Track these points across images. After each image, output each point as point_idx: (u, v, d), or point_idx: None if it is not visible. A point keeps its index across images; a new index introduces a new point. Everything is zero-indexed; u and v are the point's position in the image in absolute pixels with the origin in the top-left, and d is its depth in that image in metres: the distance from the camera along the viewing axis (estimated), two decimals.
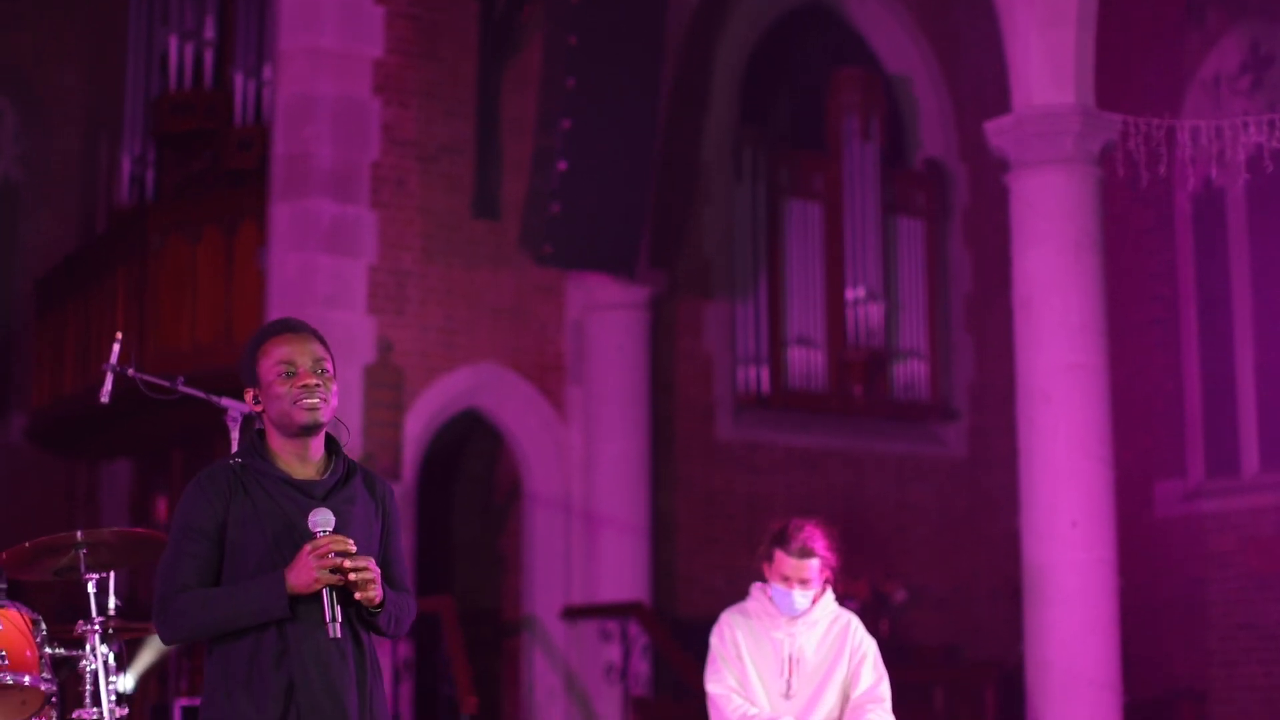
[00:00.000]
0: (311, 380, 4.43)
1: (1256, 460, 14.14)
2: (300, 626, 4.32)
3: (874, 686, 6.58)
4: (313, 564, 4.26)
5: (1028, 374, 10.27)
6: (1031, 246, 10.30)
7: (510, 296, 13.34)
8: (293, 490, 4.42)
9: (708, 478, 14.20)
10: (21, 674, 5.96)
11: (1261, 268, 14.24)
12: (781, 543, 6.65)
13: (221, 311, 13.49)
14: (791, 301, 14.45)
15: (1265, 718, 13.63)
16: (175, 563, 4.39)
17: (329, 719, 4.31)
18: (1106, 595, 10.07)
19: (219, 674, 4.36)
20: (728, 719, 6.49)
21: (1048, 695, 9.95)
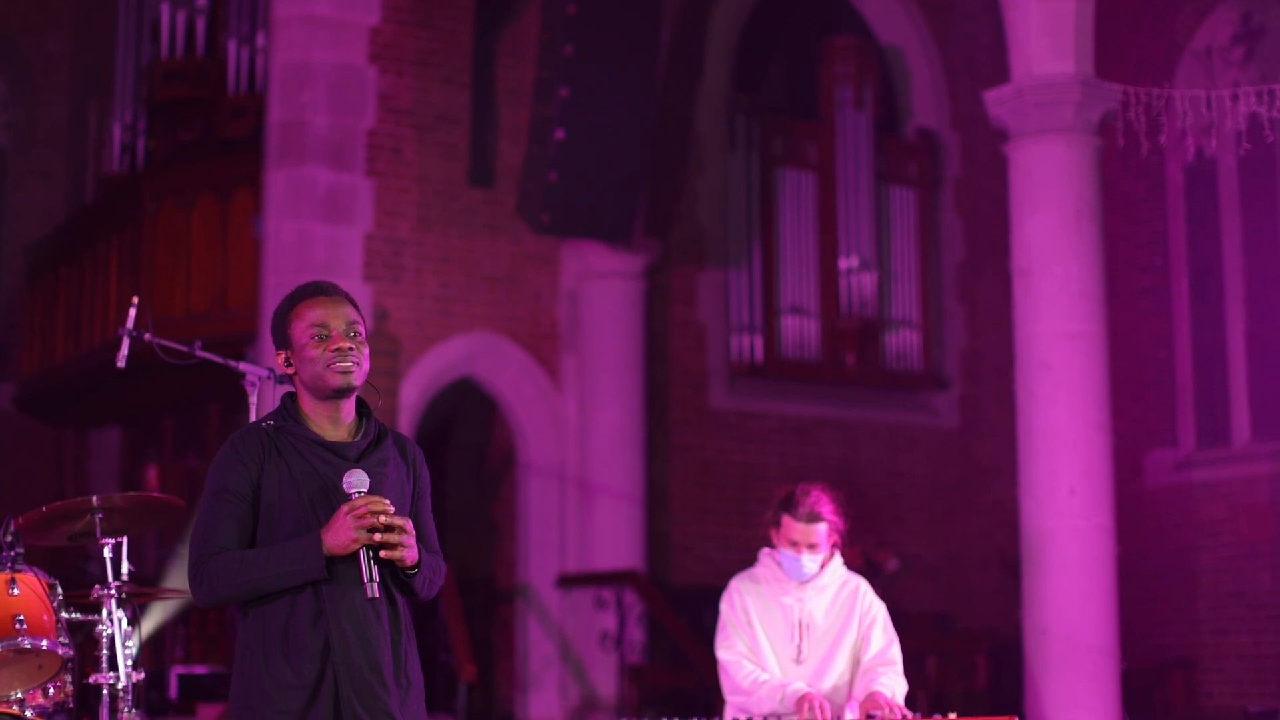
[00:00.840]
0: (345, 344, 4.42)
1: (1247, 430, 14.21)
2: (336, 587, 4.33)
3: (885, 649, 6.61)
4: (350, 524, 4.26)
5: (1026, 342, 10.29)
6: (1030, 216, 10.32)
7: (506, 265, 13.35)
8: (326, 452, 4.42)
9: (701, 446, 14.23)
10: (40, 638, 5.97)
11: (1252, 237, 14.30)
12: (789, 508, 6.68)
13: (216, 279, 13.49)
14: (785, 271, 14.48)
15: (1254, 686, 13.70)
16: (210, 525, 4.38)
17: (365, 679, 4.32)
18: (1105, 562, 10.12)
19: (254, 637, 4.36)
20: (739, 685, 6.50)
21: (1046, 662, 10.00)
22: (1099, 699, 9.81)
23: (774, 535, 6.74)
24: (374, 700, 4.33)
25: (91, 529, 6.30)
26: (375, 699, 4.33)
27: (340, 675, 4.30)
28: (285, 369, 4.53)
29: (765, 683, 6.43)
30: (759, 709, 6.38)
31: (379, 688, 4.34)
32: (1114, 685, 10.04)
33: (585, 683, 13.15)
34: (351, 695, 4.31)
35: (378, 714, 4.32)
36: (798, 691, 6.34)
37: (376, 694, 4.33)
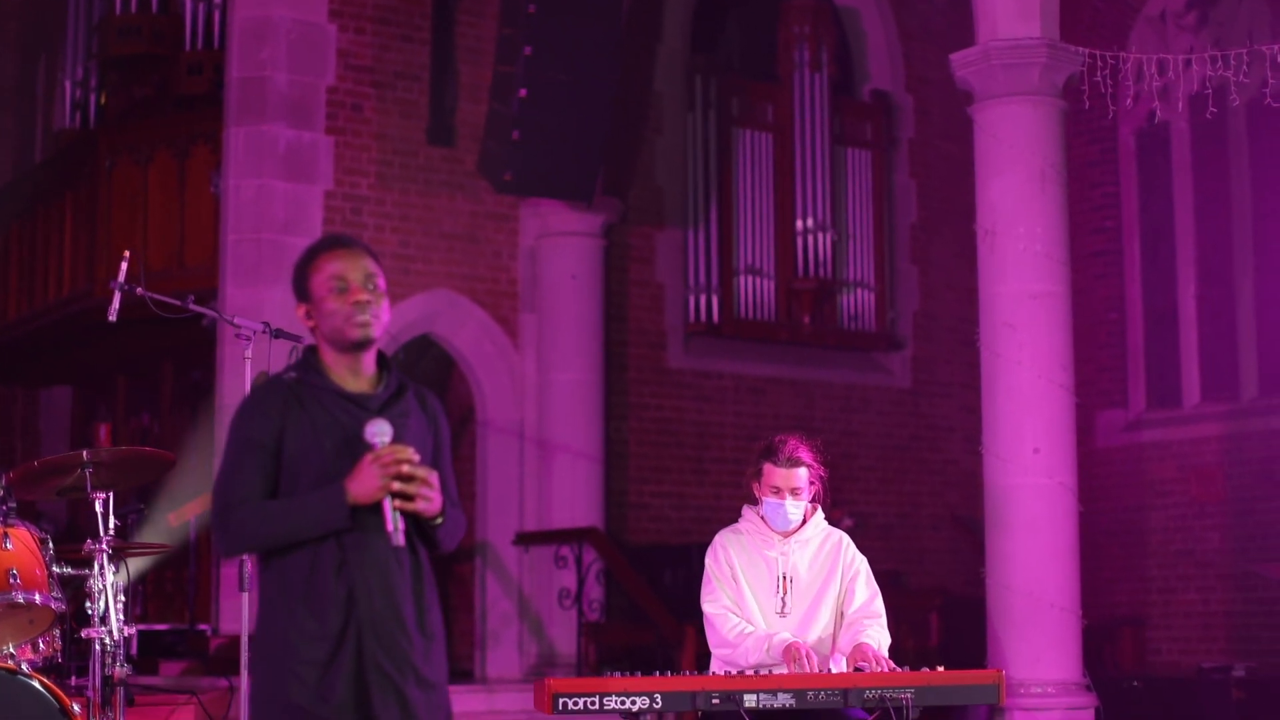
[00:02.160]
0: (363, 296, 4.43)
1: (1197, 391, 14.37)
2: (359, 537, 4.34)
3: (869, 602, 6.69)
4: (375, 473, 4.28)
5: (991, 302, 10.38)
6: (995, 177, 10.39)
7: (465, 223, 13.35)
8: (348, 403, 4.44)
9: (659, 406, 14.28)
10: (33, 592, 5.98)
11: (1204, 202, 14.44)
12: (769, 455, 6.75)
13: (174, 235, 13.44)
14: (742, 231, 14.53)
15: (1202, 643, 13.89)
16: (234, 475, 4.40)
17: (388, 628, 4.34)
18: (1067, 520, 10.22)
19: (277, 588, 4.38)
20: (724, 638, 6.54)
21: (1009, 618, 10.10)
22: (1061, 655, 9.93)
23: (755, 487, 6.81)
24: (397, 650, 4.35)
25: (81, 483, 6.30)
26: (398, 649, 4.36)
27: (364, 625, 4.32)
28: (306, 321, 4.54)
29: (751, 634, 6.49)
30: (745, 660, 6.43)
31: (401, 638, 4.37)
32: (1075, 641, 10.17)
33: (544, 640, 13.20)
34: (375, 645, 4.33)
35: (401, 664, 4.35)
36: (784, 642, 6.40)
37: (399, 644, 4.36)
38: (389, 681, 4.34)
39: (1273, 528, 13.44)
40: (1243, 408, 13.94)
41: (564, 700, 5.82)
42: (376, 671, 4.33)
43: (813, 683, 6.05)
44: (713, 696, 5.94)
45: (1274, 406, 13.64)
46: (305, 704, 4.29)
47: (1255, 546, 13.47)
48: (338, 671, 4.31)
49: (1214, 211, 14.32)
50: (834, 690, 6.03)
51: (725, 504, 14.27)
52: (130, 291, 6.94)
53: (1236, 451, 13.77)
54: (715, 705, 5.93)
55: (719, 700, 5.93)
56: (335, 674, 4.31)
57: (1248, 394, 14.02)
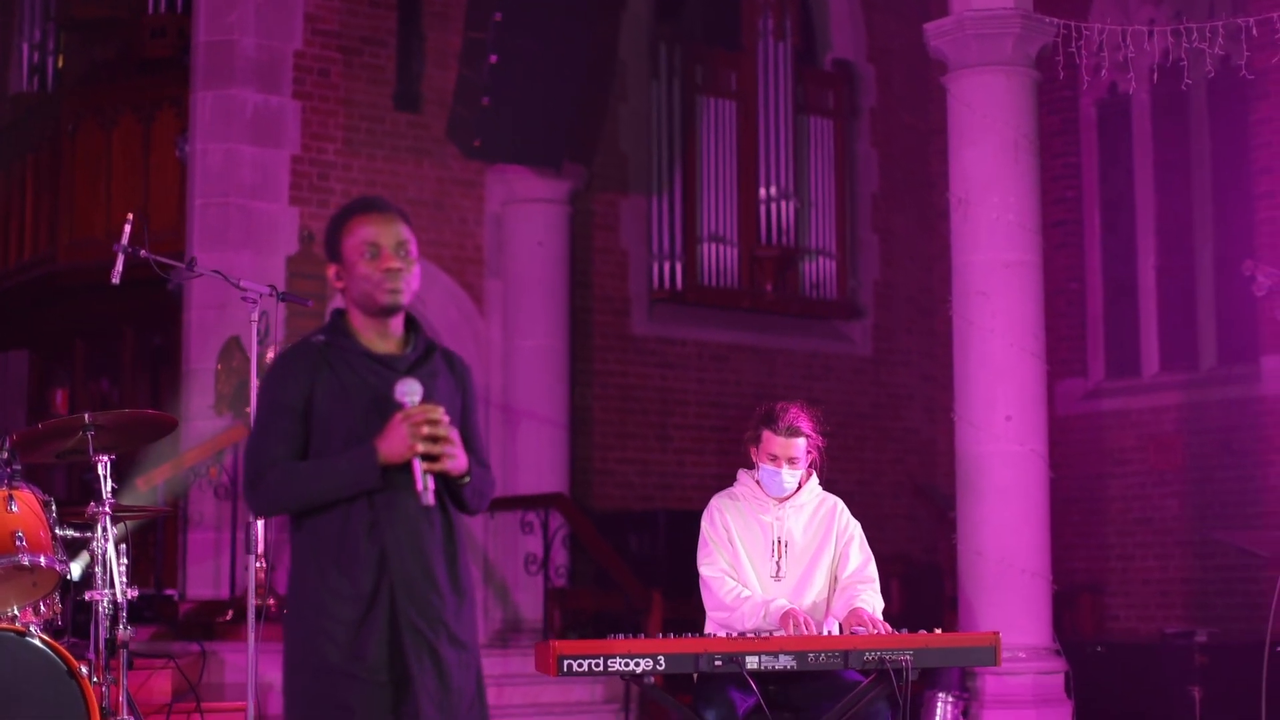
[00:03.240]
0: (394, 263, 4.46)
1: (1156, 361, 14.50)
2: (389, 496, 4.37)
3: (862, 567, 6.77)
4: (406, 433, 4.30)
5: (963, 271, 10.45)
6: (969, 146, 10.46)
7: (431, 189, 13.35)
8: (377, 365, 4.47)
9: (623, 372, 14.32)
10: (38, 555, 5.98)
11: (1164, 172, 14.56)
12: (769, 423, 6.81)
13: (138, 200, 13.36)
14: (705, 199, 14.57)
15: (1160, 610, 14.04)
16: (264, 438, 4.43)
17: (419, 587, 4.37)
18: (1039, 487, 10.32)
19: (309, 549, 4.41)
20: (721, 601, 6.60)
21: (980, 584, 10.20)
22: (1031, 620, 10.04)
23: (753, 452, 6.86)
24: (429, 609, 4.38)
25: (82, 446, 6.29)
26: (430, 607, 4.38)
27: (396, 584, 4.35)
28: (336, 282, 4.57)
29: (748, 599, 6.55)
30: (742, 625, 6.50)
31: (434, 596, 4.40)
32: (1046, 607, 10.28)
33: (509, 605, 13.24)
34: (408, 604, 4.36)
35: (434, 622, 4.38)
36: (781, 608, 6.47)
37: (431, 602, 4.39)
38: (422, 640, 4.37)
39: (1230, 496, 13.60)
40: (1201, 377, 14.08)
41: (569, 662, 5.87)
42: (410, 630, 4.36)
43: (814, 645, 6.13)
44: (715, 658, 6.01)
45: (1233, 376, 13.79)
46: (338, 663, 4.32)
47: (1213, 514, 13.62)
48: (370, 631, 4.34)
49: (1174, 182, 14.45)
50: (834, 652, 6.11)
51: (689, 470, 14.38)
52: (134, 254, 6.89)
53: (1195, 420, 13.92)
54: (718, 667, 5.99)
55: (721, 662, 6.00)
56: (368, 633, 4.33)
57: (1206, 363, 14.16)
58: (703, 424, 14.63)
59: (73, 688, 5.94)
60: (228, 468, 11.94)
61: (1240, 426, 13.58)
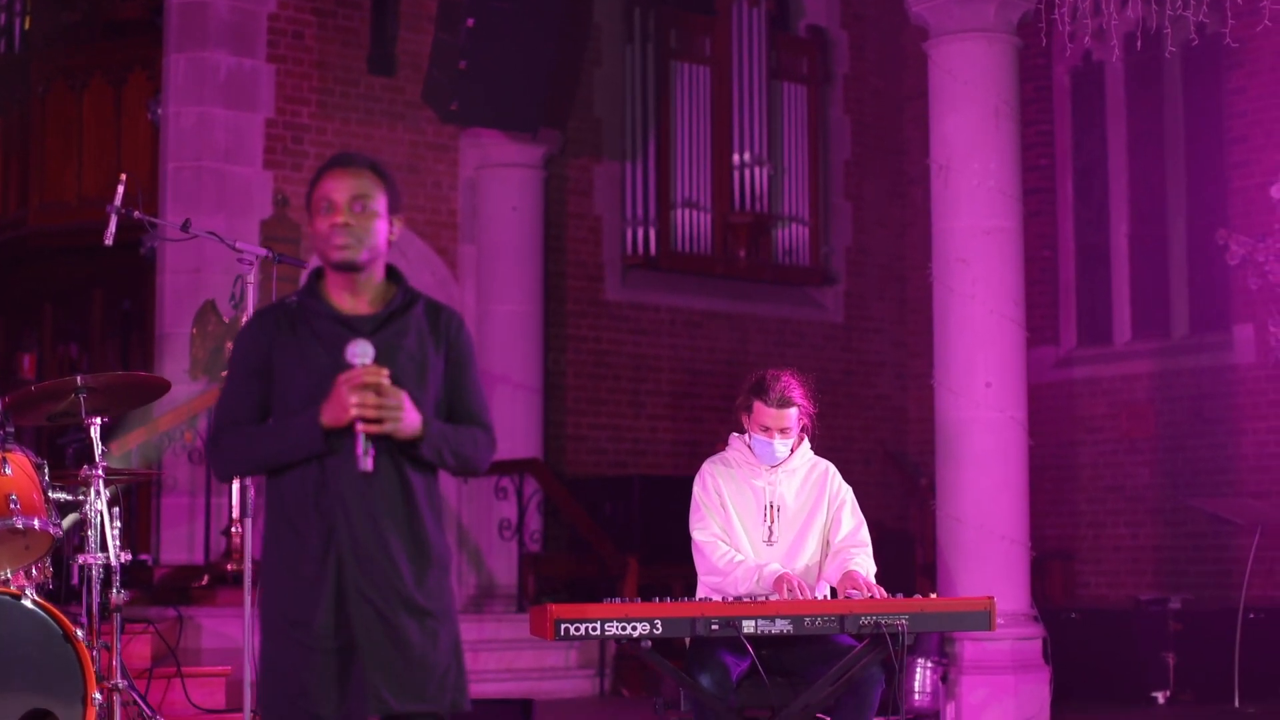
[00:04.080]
0: (341, 219, 4.34)
1: (1128, 328, 14.55)
2: (338, 461, 4.28)
3: (855, 531, 6.79)
4: (344, 396, 4.22)
5: (944, 237, 10.43)
6: (950, 113, 10.43)
7: (405, 153, 13.29)
8: (340, 327, 4.37)
9: (596, 338, 14.30)
10: (31, 518, 5.93)
11: (1137, 141, 14.59)
12: (760, 393, 6.80)
13: (110, 163, 13.26)
14: (679, 164, 14.55)
15: (1130, 577, 14.11)
16: (225, 400, 4.41)
17: (370, 555, 4.29)
18: (1018, 454, 10.33)
19: (271, 509, 4.39)
20: (714, 566, 6.60)
21: (959, 550, 10.21)
22: (1010, 586, 10.04)
23: (745, 420, 6.85)
24: (379, 577, 4.28)
25: (74, 408, 6.25)
26: (382, 575, 4.28)
27: (344, 552, 4.27)
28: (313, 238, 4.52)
29: (741, 564, 6.55)
30: (735, 589, 6.50)
31: (386, 565, 4.29)
32: (1024, 573, 10.30)
33: (483, 571, 13.23)
34: (355, 571, 4.27)
35: (385, 591, 4.28)
36: (775, 572, 6.47)
37: (383, 571, 4.29)
38: (371, 608, 4.27)
39: (1202, 464, 13.66)
40: (1173, 345, 14.14)
41: (565, 626, 5.86)
42: (358, 597, 4.27)
43: (809, 609, 6.13)
44: (712, 622, 6.01)
45: (1204, 344, 13.85)
46: (286, 628, 4.26)
47: (1184, 482, 13.69)
48: (317, 598, 4.26)
49: (1147, 151, 14.48)
50: (830, 616, 6.12)
51: (661, 436, 14.38)
52: (127, 214, 6.83)
53: (1167, 388, 13.98)
54: (715, 631, 5.99)
55: (718, 626, 6.00)
56: (315, 600, 4.26)
57: (1178, 331, 14.22)
58: (675, 390, 14.62)
59: (68, 651, 5.90)
60: (202, 432, 11.88)
61: (1212, 395, 13.64)
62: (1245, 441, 13.42)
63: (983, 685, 10.06)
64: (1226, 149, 13.70)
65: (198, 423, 11.83)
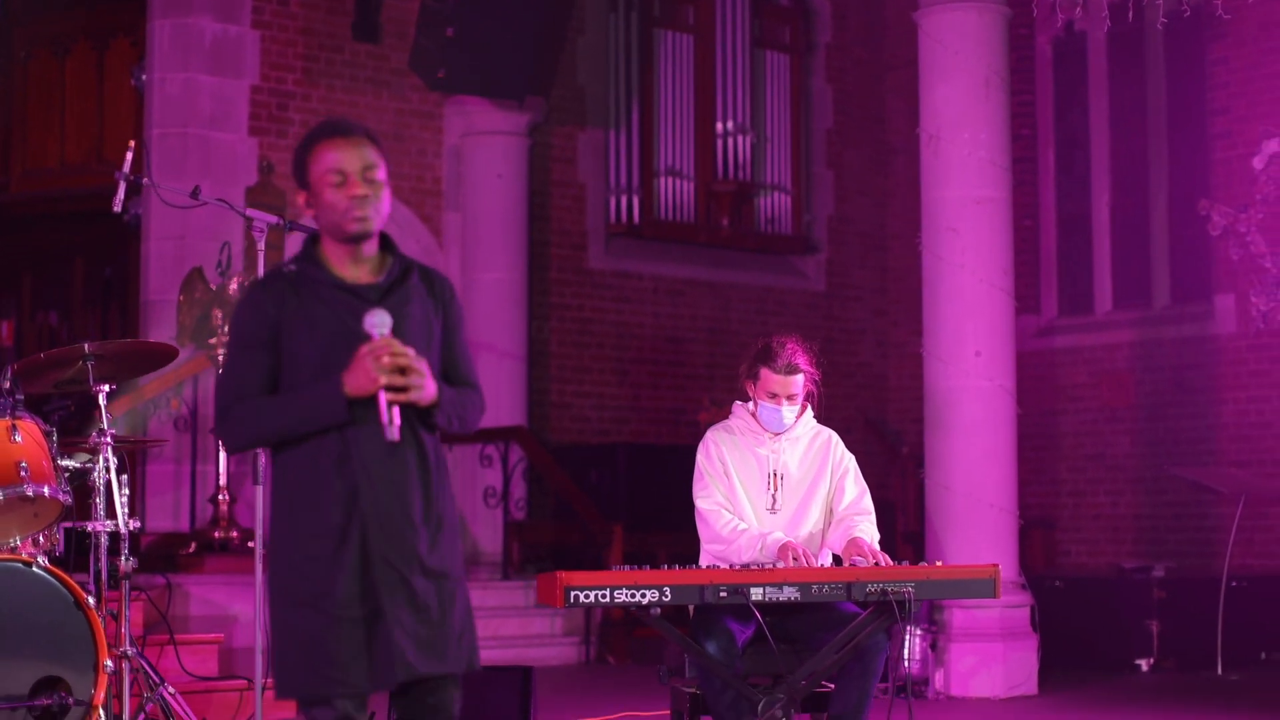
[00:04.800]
0: (361, 190, 4.35)
1: (1109, 298, 14.62)
2: (359, 430, 4.28)
3: (859, 499, 6.80)
4: (370, 366, 4.22)
5: (934, 207, 10.48)
6: (940, 82, 10.47)
7: (390, 121, 13.27)
8: (347, 295, 4.37)
9: (580, 306, 14.32)
10: (42, 485, 5.92)
11: (1119, 111, 14.64)
12: (767, 360, 6.77)
13: (92, 130, 13.25)
14: (663, 133, 14.56)
15: (1110, 545, 14.20)
16: (232, 371, 4.37)
17: (394, 521, 4.30)
18: (1007, 422, 10.40)
19: (280, 484, 4.36)
20: (718, 534, 6.61)
21: (948, 518, 10.27)
22: (999, 554, 10.07)
23: (750, 388, 6.84)
24: (402, 542, 4.31)
25: (82, 375, 6.24)
26: (404, 542, 4.31)
27: (368, 520, 4.28)
28: (306, 210, 4.46)
29: (745, 532, 6.56)
30: (738, 557, 6.51)
31: (407, 529, 4.32)
32: (1013, 541, 10.36)
33: (468, 538, 13.24)
34: (380, 539, 4.29)
35: (407, 556, 4.30)
36: (778, 541, 6.49)
37: (405, 537, 4.31)
38: (395, 573, 4.29)
39: (1182, 433, 13.75)
40: (1155, 315, 14.21)
41: (575, 593, 5.87)
42: (382, 564, 4.29)
43: (817, 576, 6.15)
44: (721, 590, 6.02)
45: (1185, 314, 13.92)
46: (309, 598, 4.26)
47: (1165, 451, 13.77)
48: (340, 567, 4.27)
49: (1129, 121, 14.54)
50: (837, 584, 6.13)
51: (644, 405, 14.40)
52: (136, 181, 6.81)
53: (1148, 358, 14.05)
54: (723, 598, 6.01)
55: (727, 593, 6.01)
56: (338, 569, 4.27)
57: (1160, 301, 14.29)
58: (659, 359, 14.65)
59: (80, 619, 5.90)
60: (187, 400, 11.88)
61: (1193, 365, 13.72)
62: (1225, 411, 13.51)
63: (971, 653, 10.13)
64: (1208, 120, 13.76)
65: (183, 390, 11.83)
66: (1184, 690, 10.61)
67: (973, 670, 10.12)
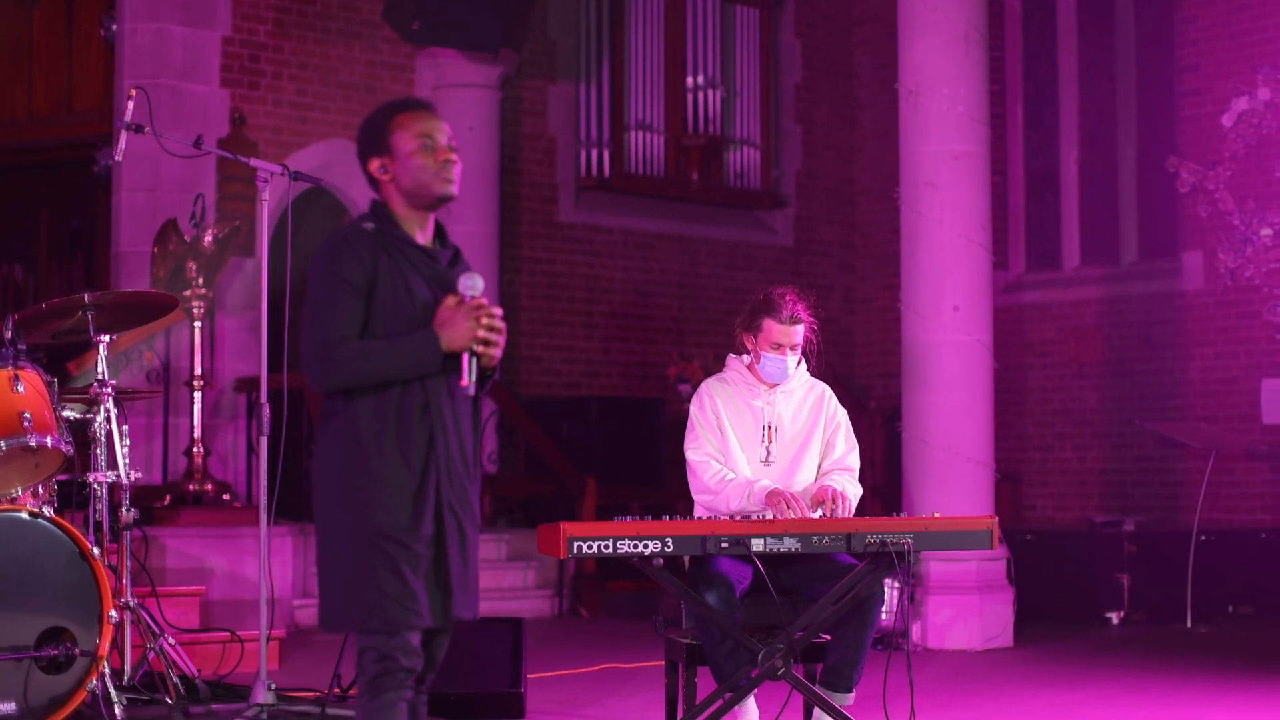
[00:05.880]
0: (451, 155, 4.60)
1: (1077, 254, 14.69)
2: (439, 382, 4.51)
3: (845, 455, 6.84)
4: (468, 324, 4.45)
5: (913, 162, 10.50)
6: (920, 38, 10.48)
7: (361, 73, 13.22)
8: (425, 257, 4.60)
9: (550, 260, 14.31)
10: (44, 435, 5.89)
11: (1088, 68, 14.69)
12: (770, 311, 6.80)
13: (61, 80, 13.15)
14: (633, 87, 14.54)
15: (1077, 499, 14.30)
16: (331, 314, 4.47)
17: (457, 470, 4.56)
18: (984, 377, 10.45)
19: (360, 425, 4.48)
20: (706, 484, 6.64)
21: (926, 471, 10.32)
22: (976, 507, 10.15)
23: (749, 341, 6.85)
24: (463, 489, 4.59)
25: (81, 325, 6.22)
26: (464, 488, 4.60)
27: (441, 466, 4.51)
28: (381, 175, 4.63)
29: (732, 481, 6.59)
30: (726, 506, 6.54)
31: (467, 479, 4.61)
32: (989, 495, 10.43)
33: None
34: (448, 485, 4.53)
35: (465, 501, 4.59)
36: (766, 488, 6.52)
37: (464, 483, 4.60)
38: (456, 519, 4.55)
39: (1149, 389, 13.84)
40: (1122, 271, 14.29)
41: (578, 544, 5.88)
42: (449, 509, 4.53)
43: (817, 527, 6.18)
44: (722, 540, 6.05)
45: (1153, 270, 14.00)
46: (394, 532, 4.44)
47: (1132, 407, 13.86)
48: (424, 504, 4.48)
49: (1098, 78, 14.59)
50: (838, 535, 6.17)
51: (614, 358, 14.42)
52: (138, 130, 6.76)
53: (1115, 314, 14.13)
54: (724, 549, 6.04)
55: (728, 544, 6.04)
56: (422, 506, 4.48)
57: (1128, 258, 14.37)
58: (628, 312, 14.66)
59: (84, 570, 5.89)
60: (159, 352, 11.83)
61: (1160, 321, 13.81)
62: (1192, 367, 13.61)
63: (948, 605, 10.20)
64: (1178, 77, 13.82)
65: (155, 342, 11.77)
66: (1155, 643, 10.70)
67: (949, 622, 10.20)
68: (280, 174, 6.54)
